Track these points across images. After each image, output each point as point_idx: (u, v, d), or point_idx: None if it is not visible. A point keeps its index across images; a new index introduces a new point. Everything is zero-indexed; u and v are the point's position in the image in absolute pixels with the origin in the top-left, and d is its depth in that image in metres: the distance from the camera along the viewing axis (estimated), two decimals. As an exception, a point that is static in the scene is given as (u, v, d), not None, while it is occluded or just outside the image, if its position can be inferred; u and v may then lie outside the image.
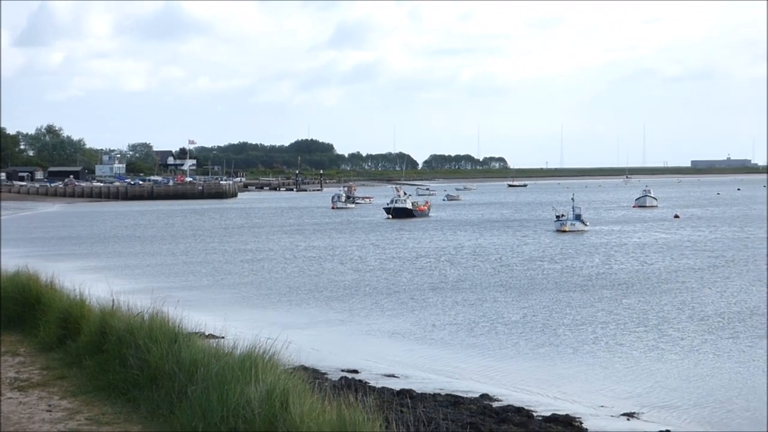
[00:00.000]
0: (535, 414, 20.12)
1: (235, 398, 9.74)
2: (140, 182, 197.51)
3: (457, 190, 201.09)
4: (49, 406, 11.97)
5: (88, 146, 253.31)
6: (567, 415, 20.11)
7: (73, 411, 11.63)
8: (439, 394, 21.51)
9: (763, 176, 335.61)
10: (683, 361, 27.85)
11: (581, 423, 19.63)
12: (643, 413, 21.16)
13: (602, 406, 21.77)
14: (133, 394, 11.72)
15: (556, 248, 67.03)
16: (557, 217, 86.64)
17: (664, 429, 19.45)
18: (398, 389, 21.33)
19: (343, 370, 24.07)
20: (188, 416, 10.15)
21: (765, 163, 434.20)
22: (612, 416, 20.86)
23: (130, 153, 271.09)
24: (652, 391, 23.66)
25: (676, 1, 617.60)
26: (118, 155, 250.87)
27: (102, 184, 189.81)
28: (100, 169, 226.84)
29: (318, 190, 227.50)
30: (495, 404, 21.01)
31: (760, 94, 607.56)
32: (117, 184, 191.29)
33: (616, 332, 32.43)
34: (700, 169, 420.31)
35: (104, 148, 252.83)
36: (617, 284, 45.49)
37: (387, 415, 8.79)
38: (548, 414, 20.15)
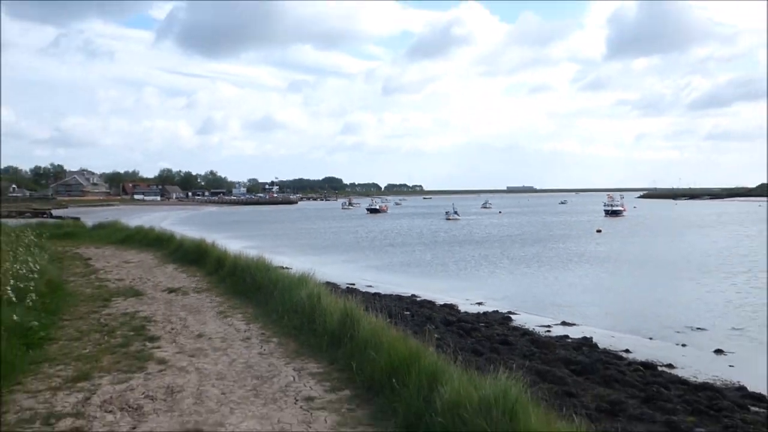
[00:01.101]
0: (436, 303, 20.13)
1: (295, 297, 9.69)
2: (253, 196, 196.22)
3: (400, 200, 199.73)
4: (211, 300, 11.82)
5: (228, 180, 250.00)
6: (451, 304, 20.15)
7: (222, 302, 11.51)
8: (391, 295, 21.43)
9: (542, 194, 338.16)
10: (505, 277, 28.04)
11: (458, 307, 19.68)
12: (486, 302, 21.23)
13: (467, 299, 21.80)
14: (249, 295, 11.63)
15: (446, 226, 66.99)
16: (446, 212, 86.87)
17: (494, 309, 19.56)
18: (373, 293, 21.26)
19: (347, 284, 23.96)
20: (274, 304, 10.08)
21: (541, 188, 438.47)
22: (471, 304, 20.89)
23: (248, 183, 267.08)
24: (490, 293, 23.70)
25: (497, 110, 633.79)
26: (243, 184, 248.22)
27: (235, 197, 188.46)
28: (234, 191, 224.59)
29: (335, 200, 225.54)
30: (417, 299, 20.98)
31: (539, 157, 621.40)
32: (242, 197, 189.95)
33: (474, 265, 32.56)
34: (511, 190, 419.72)
35: (235, 181, 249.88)
36: (474, 242, 45.60)
37: (367, 305, 8.74)
38: (442, 303, 20.17)
